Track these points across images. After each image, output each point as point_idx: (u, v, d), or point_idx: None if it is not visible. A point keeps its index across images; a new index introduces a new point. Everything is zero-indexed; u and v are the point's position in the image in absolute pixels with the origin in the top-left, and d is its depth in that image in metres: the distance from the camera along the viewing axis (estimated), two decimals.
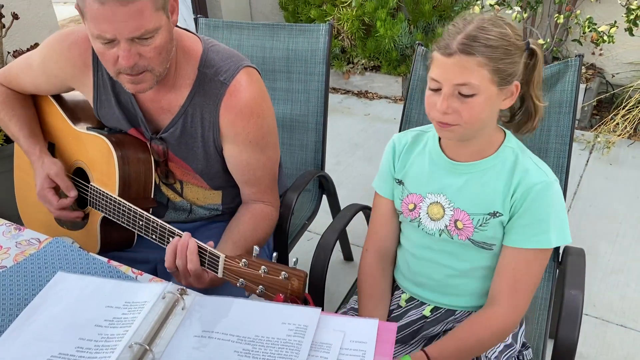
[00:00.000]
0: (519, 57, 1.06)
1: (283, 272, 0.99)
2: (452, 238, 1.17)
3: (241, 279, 1.04)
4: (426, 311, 1.25)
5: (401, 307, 1.29)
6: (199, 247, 1.11)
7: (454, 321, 1.23)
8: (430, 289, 1.25)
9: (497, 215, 1.13)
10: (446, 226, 1.18)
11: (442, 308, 1.25)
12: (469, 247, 1.17)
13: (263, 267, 1.01)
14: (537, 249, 1.11)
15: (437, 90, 1.06)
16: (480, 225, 1.15)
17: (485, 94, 1.03)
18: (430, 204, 1.20)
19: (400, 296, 1.30)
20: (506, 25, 1.05)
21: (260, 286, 1.02)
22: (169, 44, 1.16)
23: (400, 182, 1.26)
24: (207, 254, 1.09)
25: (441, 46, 1.05)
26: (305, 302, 1.00)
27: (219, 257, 1.07)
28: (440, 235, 1.19)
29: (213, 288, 1.26)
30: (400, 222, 1.30)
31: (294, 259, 1.02)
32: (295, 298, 0.99)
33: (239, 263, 1.04)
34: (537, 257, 1.12)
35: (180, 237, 1.13)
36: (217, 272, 1.08)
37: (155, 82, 1.19)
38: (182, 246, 1.11)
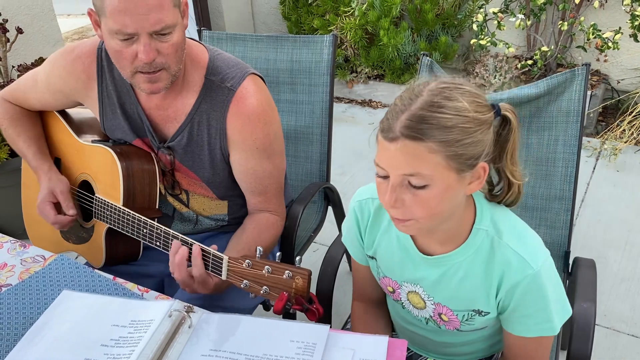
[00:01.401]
0: (482, 133, 0.87)
1: (287, 271, 0.98)
2: (440, 328, 1.08)
3: (245, 281, 1.03)
4: None
5: None
6: (202, 250, 1.10)
7: None
8: (428, 349, 1.20)
9: (483, 314, 1.02)
10: (431, 316, 1.08)
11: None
12: (459, 332, 1.08)
13: (267, 267, 1.00)
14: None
15: (385, 177, 0.90)
16: (467, 320, 1.04)
17: (441, 183, 0.86)
18: (409, 292, 1.08)
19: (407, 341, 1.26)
20: (464, 97, 0.86)
21: (265, 287, 1.01)
22: (183, 43, 1.18)
23: (372, 257, 1.13)
24: (211, 256, 1.09)
25: (384, 127, 0.87)
26: (310, 302, 0.99)
27: (222, 259, 1.07)
28: (427, 323, 1.10)
29: (221, 303, 1.25)
30: None
31: (297, 258, 1.00)
32: (300, 297, 0.98)
33: (242, 264, 1.03)
34: (544, 338, 1.00)
35: (187, 243, 1.13)
36: (221, 275, 1.07)
37: (170, 83, 1.20)
38: (183, 256, 1.12)
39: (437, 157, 0.84)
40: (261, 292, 1.01)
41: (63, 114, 1.47)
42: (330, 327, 0.96)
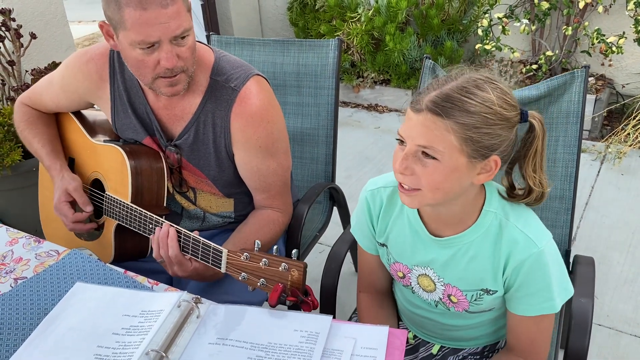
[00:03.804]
0: (502, 129, 0.91)
1: (283, 264, 1.02)
2: (449, 310, 1.13)
3: (243, 273, 1.07)
4: (434, 349, 1.24)
5: (410, 343, 1.28)
6: (203, 243, 1.14)
7: (462, 355, 1.23)
8: (434, 335, 1.24)
9: (491, 292, 1.06)
10: (440, 299, 1.13)
11: (448, 347, 1.24)
12: (467, 314, 1.13)
13: (264, 259, 1.04)
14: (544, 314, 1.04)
15: (403, 144, 0.95)
16: (475, 300, 1.09)
17: (450, 162, 0.91)
18: (419, 275, 1.13)
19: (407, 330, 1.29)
20: (494, 91, 0.91)
21: (262, 279, 1.04)
22: (195, 44, 1.25)
23: (383, 245, 1.18)
24: (211, 249, 1.13)
25: (413, 100, 0.94)
26: (306, 294, 1.02)
27: (222, 252, 1.10)
28: (436, 305, 1.15)
29: (227, 296, 1.29)
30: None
31: (294, 251, 1.04)
32: (296, 289, 1.01)
33: (241, 257, 1.07)
34: (546, 318, 1.05)
35: (189, 237, 1.17)
36: (220, 267, 1.11)
37: (187, 84, 1.26)
38: (163, 236, 1.18)
39: (452, 137, 0.89)
40: (258, 284, 1.04)
41: (77, 115, 1.53)
42: (334, 318, 0.99)
